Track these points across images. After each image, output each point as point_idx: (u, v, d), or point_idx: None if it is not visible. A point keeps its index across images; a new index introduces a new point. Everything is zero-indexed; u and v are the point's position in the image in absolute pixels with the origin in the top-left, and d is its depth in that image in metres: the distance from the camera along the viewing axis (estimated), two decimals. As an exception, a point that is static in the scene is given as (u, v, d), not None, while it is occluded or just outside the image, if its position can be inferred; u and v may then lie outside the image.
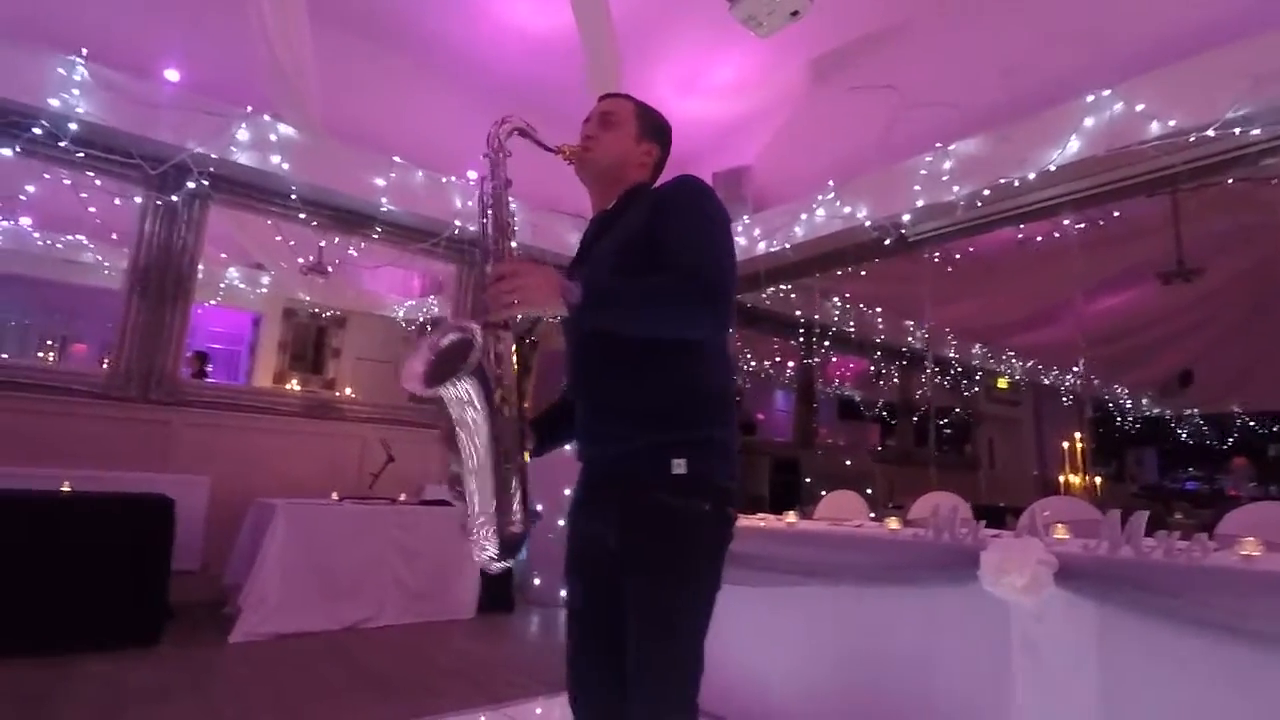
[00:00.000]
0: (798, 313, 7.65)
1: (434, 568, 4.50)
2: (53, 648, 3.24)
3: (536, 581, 5.25)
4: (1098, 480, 6.75)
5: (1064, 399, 12.00)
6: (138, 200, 4.56)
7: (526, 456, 1.35)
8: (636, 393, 1.31)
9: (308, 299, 8.18)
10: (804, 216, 5.47)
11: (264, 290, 7.63)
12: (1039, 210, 4.61)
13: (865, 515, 3.75)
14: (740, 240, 5.98)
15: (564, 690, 3.14)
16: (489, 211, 1.37)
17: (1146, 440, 13.21)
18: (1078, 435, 7.07)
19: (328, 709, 2.84)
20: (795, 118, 6.16)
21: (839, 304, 7.88)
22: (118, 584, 3.50)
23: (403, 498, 4.79)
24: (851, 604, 2.41)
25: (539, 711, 2.85)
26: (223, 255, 6.82)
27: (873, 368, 9.82)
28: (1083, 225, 4.86)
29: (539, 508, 1.35)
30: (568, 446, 1.52)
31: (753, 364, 8.99)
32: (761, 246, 5.83)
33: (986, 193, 4.46)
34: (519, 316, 1.26)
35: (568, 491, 5.05)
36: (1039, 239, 5.09)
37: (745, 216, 6.02)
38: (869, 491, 5.92)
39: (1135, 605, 1.85)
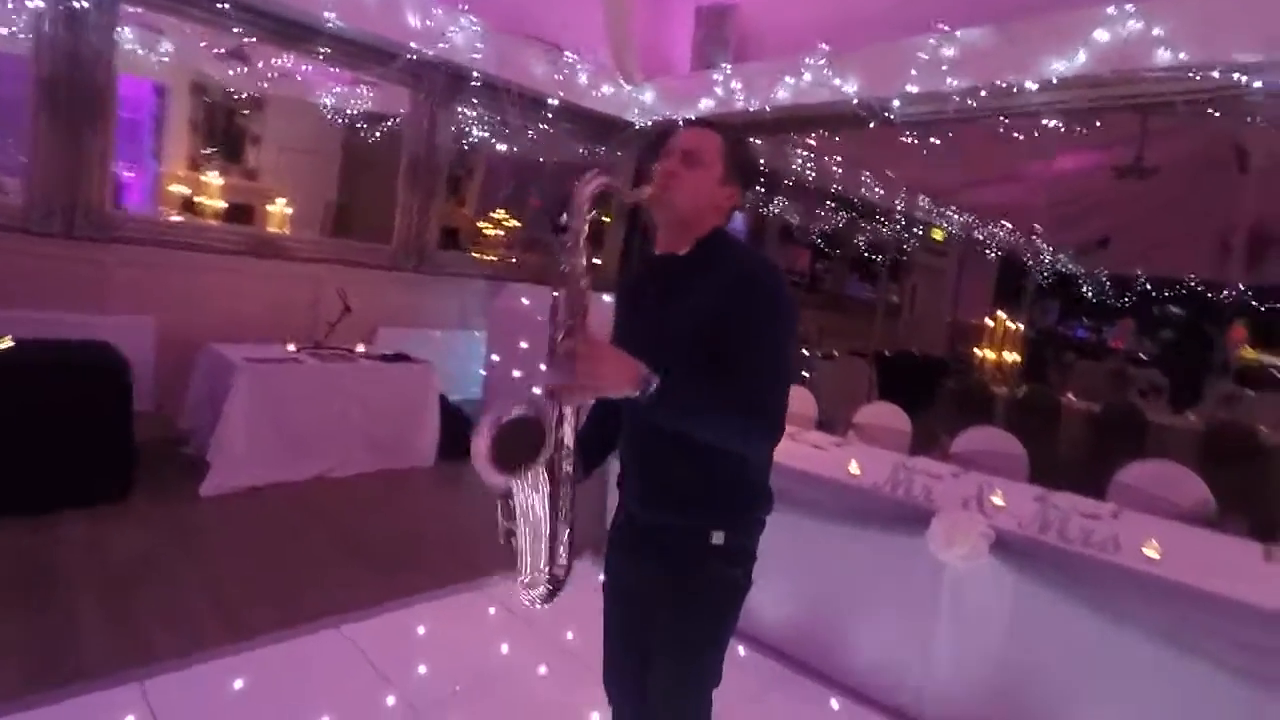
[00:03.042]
0: (761, 161, 7.47)
1: (395, 419, 4.64)
2: (24, 508, 3.27)
3: (490, 426, 5.49)
4: (1010, 325, 7.29)
5: (988, 253, 12.55)
6: (33, 3, 3.81)
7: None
8: (690, 477, 1.37)
9: (218, 78, 7.25)
10: (790, 80, 5.16)
11: (165, 59, 6.53)
12: (1029, 113, 4.52)
13: (815, 413, 4.05)
14: (718, 91, 5.63)
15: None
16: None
17: (1053, 292, 14.14)
18: (1000, 315, 7.53)
19: (316, 581, 3.07)
20: (795, -46, 5.55)
21: (801, 154, 7.71)
22: (83, 438, 3.48)
23: (361, 348, 4.77)
24: (812, 535, 2.70)
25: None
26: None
27: (820, 211, 9.89)
28: (1062, 128, 4.84)
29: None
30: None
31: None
32: (740, 103, 5.52)
33: (983, 93, 4.32)
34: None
35: (524, 344, 5.17)
36: (1017, 134, 5.04)
37: (726, 65, 5.61)
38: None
39: (1049, 581, 2.22)
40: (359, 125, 7.91)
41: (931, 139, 5.22)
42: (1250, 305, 11.34)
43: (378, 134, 7.79)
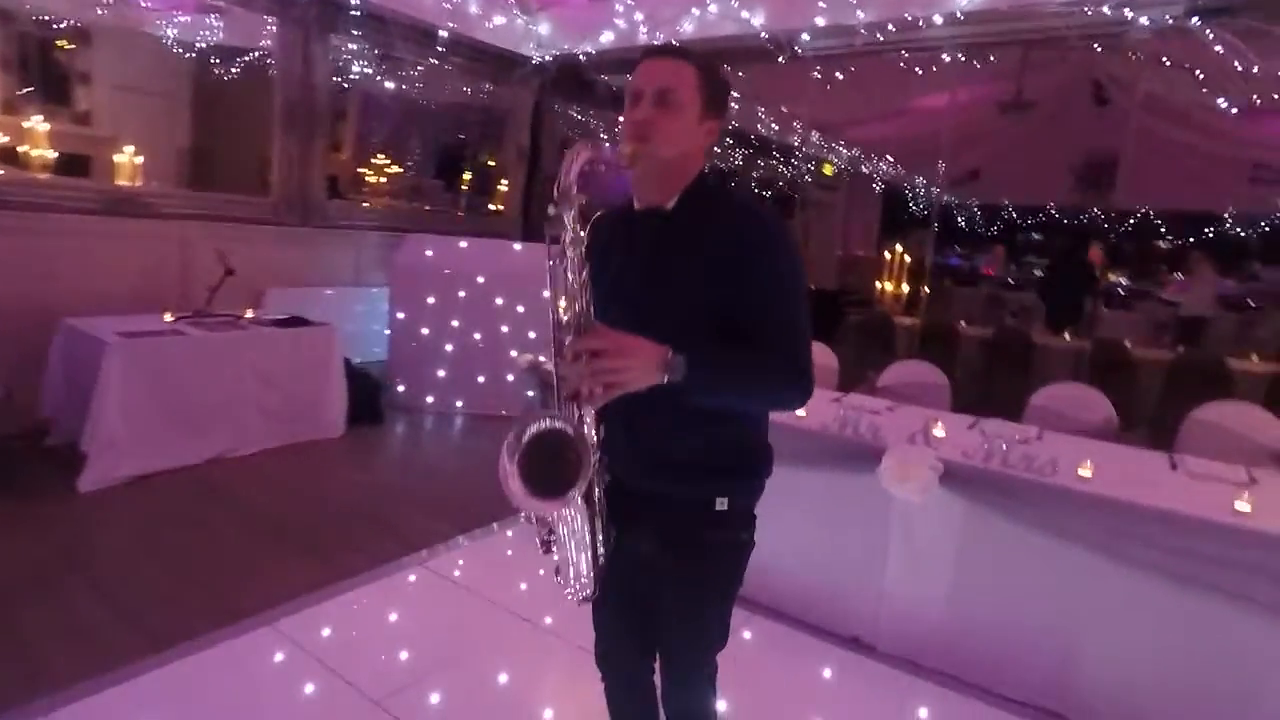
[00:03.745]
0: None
1: (296, 388, 4.27)
2: None
3: (400, 389, 5.20)
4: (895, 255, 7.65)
5: (874, 186, 13.04)
6: None
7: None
8: (691, 445, 1.26)
9: (28, 3, 6.21)
10: (695, 12, 4.98)
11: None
12: (929, 48, 4.59)
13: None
14: (619, 23, 5.37)
15: (476, 530, 3.32)
16: (567, 273, 1.10)
17: (928, 222, 14.90)
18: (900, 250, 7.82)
19: (237, 575, 2.80)
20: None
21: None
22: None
23: (250, 313, 4.33)
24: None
25: (462, 563, 3.04)
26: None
27: (716, 148, 9.84)
28: (959, 60, 4.96)
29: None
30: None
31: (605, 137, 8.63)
32: (644, 37, 5.29)
33: (890, 26, 4.32)
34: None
35: (431, 299, 4.89)
36: (917, 69, 5.13)
37: (628, -4, 5.34)
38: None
39: (995, 507, 2.33)
40: (212, 60, 7.02)
41: (836, 74, 5.23)
42: (1101, 229, 12.47)
43: (234, 71, 6.97)
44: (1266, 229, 11.79)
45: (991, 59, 4.79)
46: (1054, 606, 2.28)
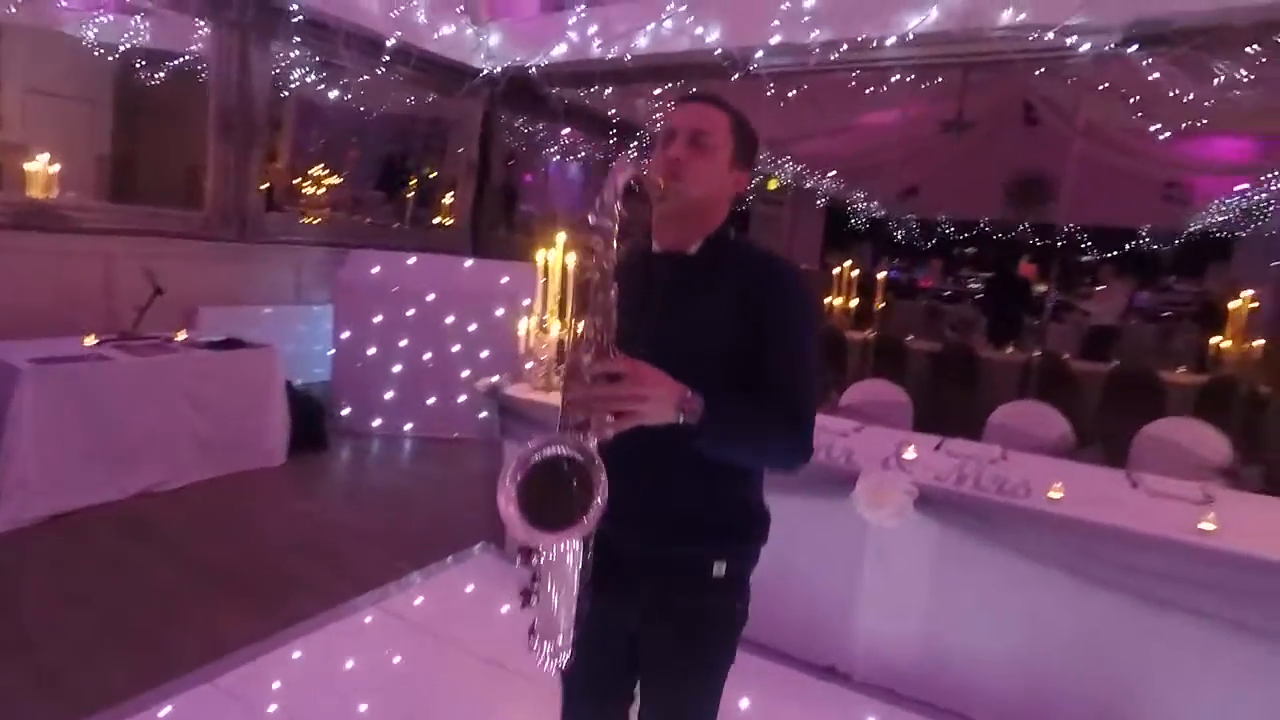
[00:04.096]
0: (611, 112, 7.24)
1: (233, 415, 4.01)
2: None
3: (345, 411, 4.96)
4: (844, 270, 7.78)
5: (818, 201, 13.30)
6: None
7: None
8: (693, 500, 1.20)
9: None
10: (651, 26, 4.95)
11: None
12: (879, 68, 4.68)
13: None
14: (572, 36, 5.30)
15: (431, 565, 3.17)
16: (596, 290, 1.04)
17: (868, 236, 15.31)
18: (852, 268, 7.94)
19: (170, 624, 2.58)
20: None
21: (651, 104, 7.56)
22: None
23: (182, 335, 4.05)
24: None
25: (419, 602, 2.88)
26: None
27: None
28: (906, 81, 5.07)
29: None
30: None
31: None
32: (598, 50, 5.23)
33: (844, 46, 4.38)
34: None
35: (379, 318, 4.71)
36: (869, 90, 5.22)
37: (581, 8, 5.27)
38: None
39: (969, 530, 2.33)
40: (137, 64, 6.63)
41: (789, 91, 5.27)
42: (1030, 243, 13.04)
43: (161, 75, 6.59)
44: (1179, 244, 12.54)
45: (939, 80, 4.91)
46: (1029, 630, 2.28)
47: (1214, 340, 5.50)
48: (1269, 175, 7.46)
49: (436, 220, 7.89)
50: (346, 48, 4.85)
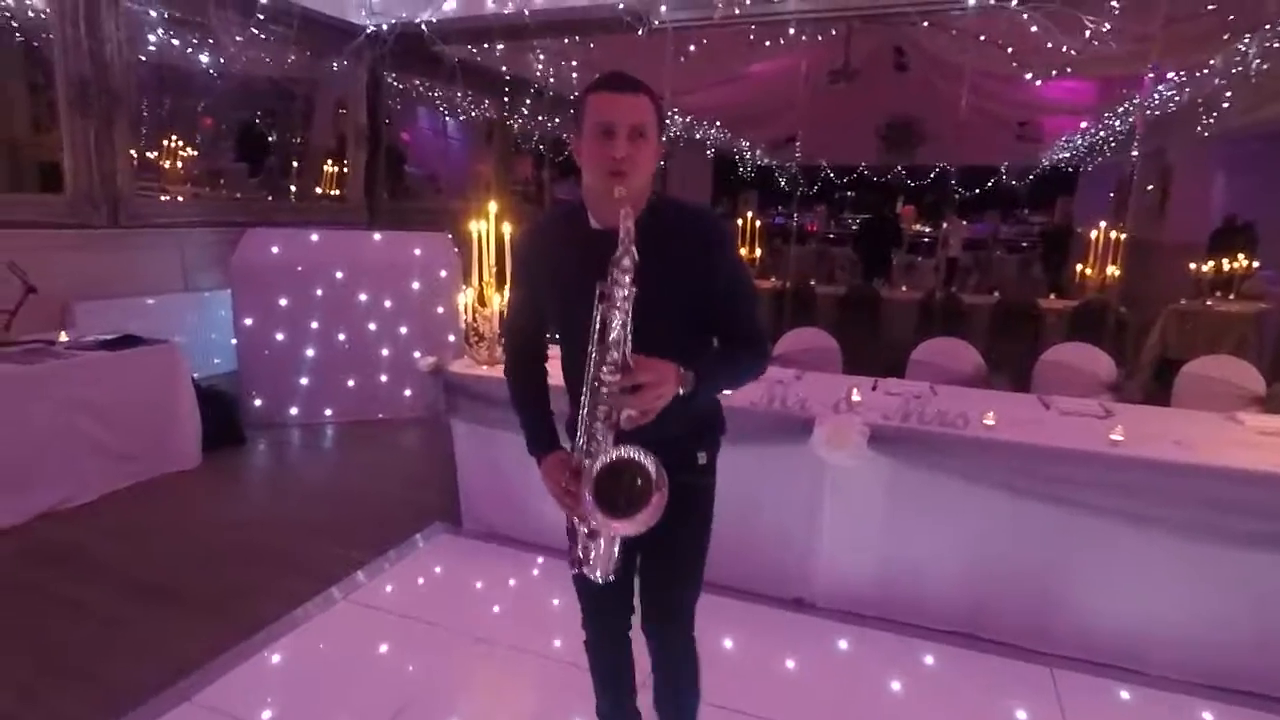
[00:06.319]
0: (504, 68, 6.98)
1: (138, 418, 3.69)
2: None
3: (258, 403, 4.66)
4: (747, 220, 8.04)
5: (706, 151, 13.48)
6: None
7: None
8: (680, 416, 1.34)
9: None
10: (549, -20, 4.80)
11: None
12: (778, 22, 4.77)
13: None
14: (467, -9, 5.05)
15: (392, 549, 3.15)
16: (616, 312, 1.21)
17: (754, 184, 15.71)
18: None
19: (117, 652, 2.40)
20: None
21: (540, 58, 7.35)
22: None
23: (64, 336, 3.65)
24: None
25: (390, 589, 2.81)
26: None
27: (552, 118, 9.64)
28: (799, 35, 5.21)
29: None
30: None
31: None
32: (491, 3, 5.02)
33: (749, 1, 4.43)
34: None
35: (284, 301, 4.48)
36: (766, 43, 5.32)
37: (471, -41, 5.02)
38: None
39: (917, 463, 2.54)
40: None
41: (690, 46, 5.28)
42: (906, 185, 13.84)
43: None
44: (1032, 180, 13.71)
45: (834, 32, 5.07)
46: (971, 544, 2.54)
47: (1078, 267, 6.11)
48: (1108, 114, 8.26)
49: (319, 191, 7.38)
50: (216, 5, 4.39)
